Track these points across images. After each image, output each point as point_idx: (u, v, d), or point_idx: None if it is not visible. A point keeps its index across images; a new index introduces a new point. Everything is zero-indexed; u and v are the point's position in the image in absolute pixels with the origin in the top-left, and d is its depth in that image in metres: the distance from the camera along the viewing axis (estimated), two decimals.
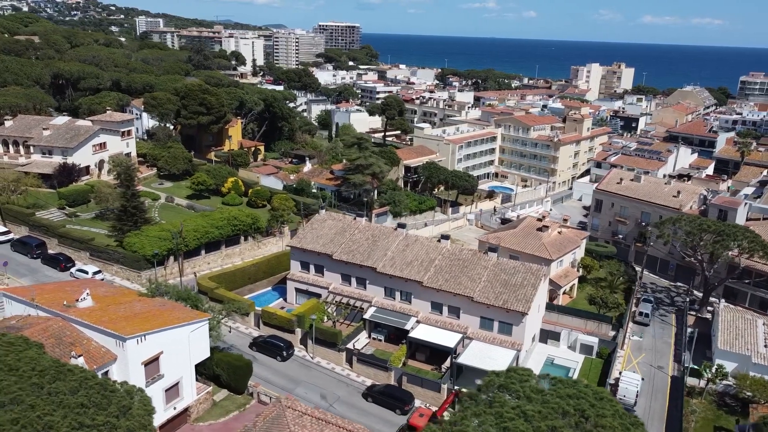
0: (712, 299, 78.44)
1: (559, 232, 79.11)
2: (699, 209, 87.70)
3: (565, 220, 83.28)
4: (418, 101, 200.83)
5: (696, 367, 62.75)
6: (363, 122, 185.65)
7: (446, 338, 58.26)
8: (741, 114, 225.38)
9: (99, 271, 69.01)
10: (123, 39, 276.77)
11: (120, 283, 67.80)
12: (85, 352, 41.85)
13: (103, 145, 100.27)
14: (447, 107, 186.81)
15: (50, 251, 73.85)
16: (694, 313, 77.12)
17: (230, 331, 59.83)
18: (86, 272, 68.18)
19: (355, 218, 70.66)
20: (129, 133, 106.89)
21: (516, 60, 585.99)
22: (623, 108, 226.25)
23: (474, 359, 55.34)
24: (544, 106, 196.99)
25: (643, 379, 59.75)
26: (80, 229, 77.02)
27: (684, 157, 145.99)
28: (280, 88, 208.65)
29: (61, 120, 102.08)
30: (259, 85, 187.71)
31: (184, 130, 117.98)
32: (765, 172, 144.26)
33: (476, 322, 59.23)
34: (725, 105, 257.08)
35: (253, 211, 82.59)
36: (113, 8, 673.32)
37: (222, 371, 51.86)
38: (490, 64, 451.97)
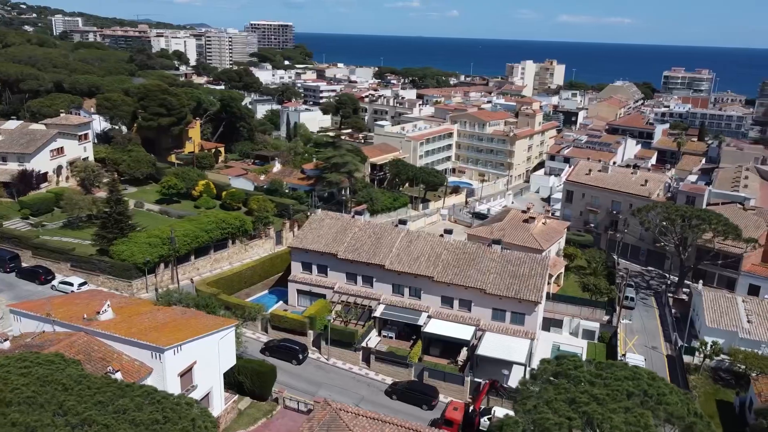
0: (685, 281, 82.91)
1: (544, 223, 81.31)
2: (666, 196, 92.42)
3: (548, 211, 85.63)
4: (367, 99, 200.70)
5: (687, 345, 66.22)
6: (313, 121, 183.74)
7: (461, 331, 58.77)
8: (669, 107, 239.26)
9: (85, 283, 65.18)
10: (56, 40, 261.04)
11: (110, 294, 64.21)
12: (119, 367, 39.48)
13: (60, 150, 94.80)
14: (398, 104, 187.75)
15: (24, 264, 69.10)
16: (671, 295, 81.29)
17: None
18: (71, 284, 64.28)
19: (353, 216, 69.96)
20: (86, 136, 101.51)
21: (446, 58, 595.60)
22: (561, 103, 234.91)
23: (492, 350, 56.09)
24: (490, 102, 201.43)
25: (645, 360, 62.42)
26: (59, 240, 72.42)
27: (630, 149, 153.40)
28: (221, 88, 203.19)
29: (13, 124, 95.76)
30: (206, 86, 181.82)
31: (142, 133, 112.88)
32: (703, 161, 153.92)
33: (488, 314, 60.03)
34: (652, 99, 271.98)
35: (239, 214, 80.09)
36: (23, 6, 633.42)
37: (245, 378, 50.18)
38: (423, 62, 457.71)
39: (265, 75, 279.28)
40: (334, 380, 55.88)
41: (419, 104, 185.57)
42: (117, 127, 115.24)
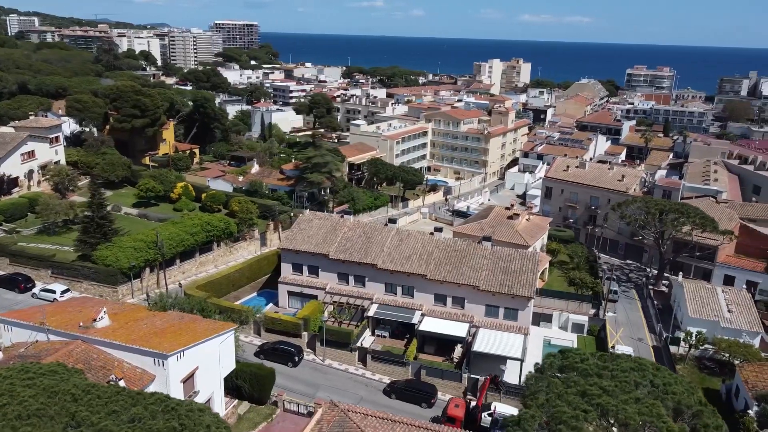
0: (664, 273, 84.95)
1: (527, 219, 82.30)
2: (642, 191, 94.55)
3: (530, 208, 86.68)
4: (339, 99, 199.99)
5: (671, 336, 67.86)
6: (285, 121, 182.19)
7: (456, 328, 59.04)
8: (633, 104, 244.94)
9: (67, 290, 63.26)
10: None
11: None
12: (122, 375, 38.45)
13: (31, 154, 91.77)
14: (371, 104, 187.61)
15: (1, 272, 66.70)
16: (651, 287, 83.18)
17: None
18: (53, 291, 62.31)
19: (342, 216, 69.59)
20: (57, 139, 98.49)
21: (413, 57, 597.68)
22: (529, 101, 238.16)
23: (488, 346, 56.48)
24: (461, 100, 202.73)
25: (633, 351, 63.65)
26: (35, 246, 70.09)
27: (601, 146, 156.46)
28: (189, 88, 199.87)
29: None
30: (175, 86, 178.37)
31: (115, 135, 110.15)
32: (671, 156, 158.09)
33: (481, 311, 60.47)
34: (616, 96, 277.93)
35: (223, 216, 78.78)
36: None
37: (244, 382, 49.41)
38: (390, 61, 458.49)
39: (233, 75, 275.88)
40: (331, 381, 55.52)
41: (392, 103, 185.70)
42: (88, 130, 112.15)
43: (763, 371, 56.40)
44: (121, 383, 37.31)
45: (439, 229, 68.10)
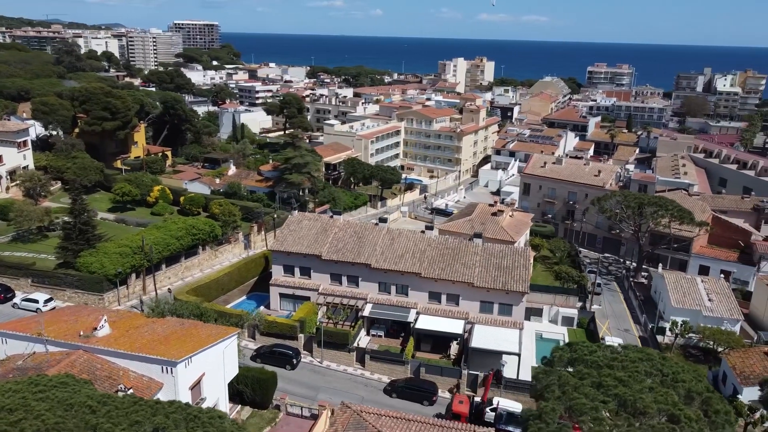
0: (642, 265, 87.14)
1: (511, 215, 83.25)
2: (618, 185, 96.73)
3: (512, 205, 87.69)
4: (308, 99, 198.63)
5: (655, 326, 69.65)
6: (254, 122, 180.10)
7: (452, 326, 59.36)
8: (596, 101, 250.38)
9: (51, 299, 61.14)
10: None
11: None
12: (130, 384, 37.37)
13: None
14: (341, 103, 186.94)
15: None
16: (631, 279, 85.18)
17: None
18: (36, 301, 60.20)
19: (331, 216, 69.13)
20: (25, 143, 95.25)
21: (374, 56, 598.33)
22: (495, 99, 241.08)
23: (485, 342, 56.93)
24: (430, 98, 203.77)
25: (622, 342, 65.06)
26: (10, 255, 67.57)
27: (570, 142, 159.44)
28: (153, 90, 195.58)
29: None
30: (141, 88, 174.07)
31: (84, 138, 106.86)
32: (637, 151, 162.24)
33: (476, 307, 60.90)
34: (579, 93, 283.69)
35: (208, 219, 77.27)
36: None
37: (246, 387, 48.61)
38: (352, 61, 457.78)
39: (197, 76, 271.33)
40: (331, 383, 55.10)
41: (361, 103, 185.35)
42: (55, 133, 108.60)
43: (749, 357, 58.41)
44: (131, 393, 36.27)
45: (430, 228, 68.34)
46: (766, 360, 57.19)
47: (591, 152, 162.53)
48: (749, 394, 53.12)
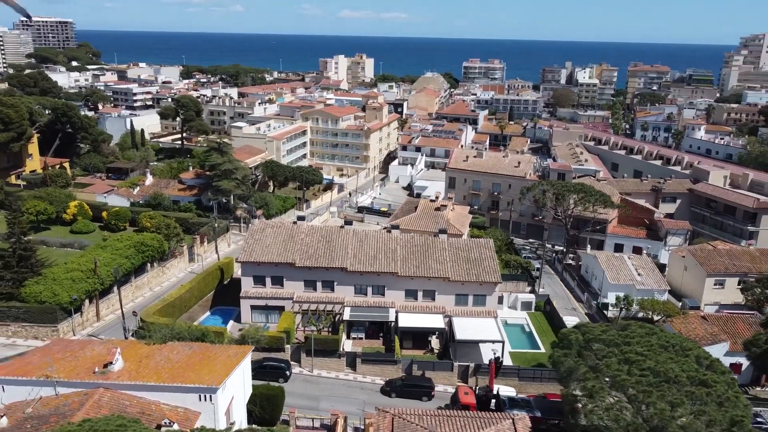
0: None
1: (452, 209, 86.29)
2: (536, 175, 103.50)
3: (450, 198, 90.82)
4: (199, 100, 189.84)
5: (598, 302, 76.02)
6: (143, 126, 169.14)
7: (432, 321, 60.87)
8: (476, 95, 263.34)
9: None
10: None
11: (28, 345, 54.52)
12: (175, 418, 34.85)
13: None
14: (236, 104, 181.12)
15: None
16: (562, 261, 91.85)
17: None
18: None
19: (295, 222, 67.65)
20: None
21: (241, 54, 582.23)
22: (381, 95, 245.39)
23: (469, 333, 59.13)
24: (328, 96, 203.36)
25: (578, 320, 70.34)
26: None
27: (469, 135, 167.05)
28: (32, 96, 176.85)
29: None
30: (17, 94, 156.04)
31: None
32: (529, 141, 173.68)
33: (452, 300, 62.82)
34: (458, 87, 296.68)
35: (154, 234, 72.08)
36: None
37: (254, 405, 46.74)
38: (220, 59, 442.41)
39: (61, 78, 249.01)
40: (327, 390, 54.40)
41: (259, 103, 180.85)
42: None
43: (690, 322, 65.86)
44: (176, 426, 33.92)
45: (395, 227, 69.19)
46: (705, 324, 64.94)
47: (487, 144, 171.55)
48: None
